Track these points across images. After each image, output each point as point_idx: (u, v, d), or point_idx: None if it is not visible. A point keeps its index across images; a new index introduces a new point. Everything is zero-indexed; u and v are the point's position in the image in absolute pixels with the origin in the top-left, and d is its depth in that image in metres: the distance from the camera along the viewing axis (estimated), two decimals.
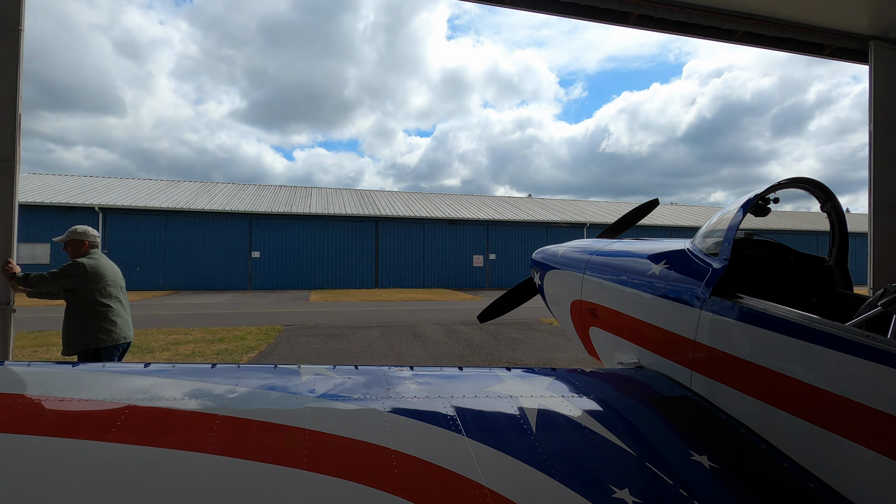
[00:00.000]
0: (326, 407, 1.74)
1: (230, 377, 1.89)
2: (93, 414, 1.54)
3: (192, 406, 1.64)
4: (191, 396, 1.68)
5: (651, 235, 20.58)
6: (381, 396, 1.83)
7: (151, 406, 1.59)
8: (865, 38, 6.73)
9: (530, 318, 13.10)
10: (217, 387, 1.77)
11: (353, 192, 33.52)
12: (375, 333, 10.34)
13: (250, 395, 1.76)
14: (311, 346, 8.71)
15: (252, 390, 1.80)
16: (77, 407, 1.56)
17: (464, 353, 8.25)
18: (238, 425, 1.57)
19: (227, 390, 1.75)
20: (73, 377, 1.80)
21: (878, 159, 6.65)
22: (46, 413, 1.51)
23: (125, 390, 1.69)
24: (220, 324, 11.60)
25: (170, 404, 1.62)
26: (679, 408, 2.11)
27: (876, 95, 6.70)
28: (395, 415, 1.72)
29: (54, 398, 1.57)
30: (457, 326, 11.40)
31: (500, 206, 33.48)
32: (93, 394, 1.65)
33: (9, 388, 1.64)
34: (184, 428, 1.55)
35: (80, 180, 29.23)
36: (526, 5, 5.73)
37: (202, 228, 24.59)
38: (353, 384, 1.94)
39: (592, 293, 3.28)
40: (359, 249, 26.54)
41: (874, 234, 6.68)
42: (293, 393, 1.80)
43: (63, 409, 1.54)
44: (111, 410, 1.56)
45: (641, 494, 1.47)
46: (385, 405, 1.76)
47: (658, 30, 6.27)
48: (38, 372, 1.91)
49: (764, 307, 1.94)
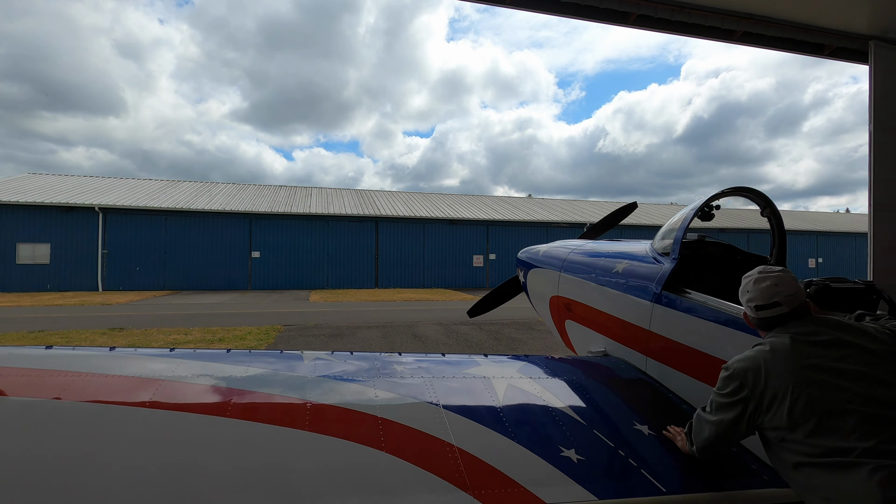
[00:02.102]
0: (325, 383, 2.05)
1: (242, 360, 2.20)
2: (125, 387, 1.86)
3: (209, 382, 1.97)
4: (209, 374, 2.02)
5: (651, 235, 20.74)
6: (372, 375, 2.15)
7: (175, 381, 1.92)
8: (865, 38, 6.73)
9: (530, 318, 13.10)
10: (232, 368, 2.10)
11: (353, 192, 33.53)
12: (375, 333, 10.34)
13: (262, 374, 2.10)
14: (311, 346, 8.71)
15: (262, 371, 2.13)
16: (113, 383, 1.90)
17: (463, 352, 8.25)
18: (251, 396, 1.89)
19: (241, 370, 2.08)
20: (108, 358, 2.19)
21: (877, 159, 6.65)
22: (91, 387, 1.85)
23: (156, 370, 2.01)
24: (220, 324, 11.61)
25: (191, 380, 1.95)
26: (631, 388, 2.44)
27: (876, 95, 6.70)
28: (383, 389, 2.04)
29: (97, 374, 1.95)
30: (457, 326, 11.40)
31: (500, 206, 33.48)
32: (127, 371, 1.99)
33: (57, 366, 2.00)
34: (206, 396, 1.89)
35: (80, 180, 29.23)
36: (526, 5, 5.72)
37: (202, 228, 24.59)
38: (349, 366, 2.26)
39: (567, 289, 3.59)
40: (359, 249, 26.54)
41: (874, 234, 6.67)
42: (298, 374, 2.12)
43: (103, 384, 1.88)
44: (142, 382, 1.89)
45: (585, 453, 1.78)
46: (375, 382, 2.09)
47: (658, 30, 6.26)
48: (82, 354, 2.34)
49: (703, 300, 2.23)
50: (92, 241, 23.00)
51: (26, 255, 22.28)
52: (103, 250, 23.13)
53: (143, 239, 23.72)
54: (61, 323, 11.55)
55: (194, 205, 24.84)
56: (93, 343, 8.67)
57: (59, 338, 9.16)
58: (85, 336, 9.43)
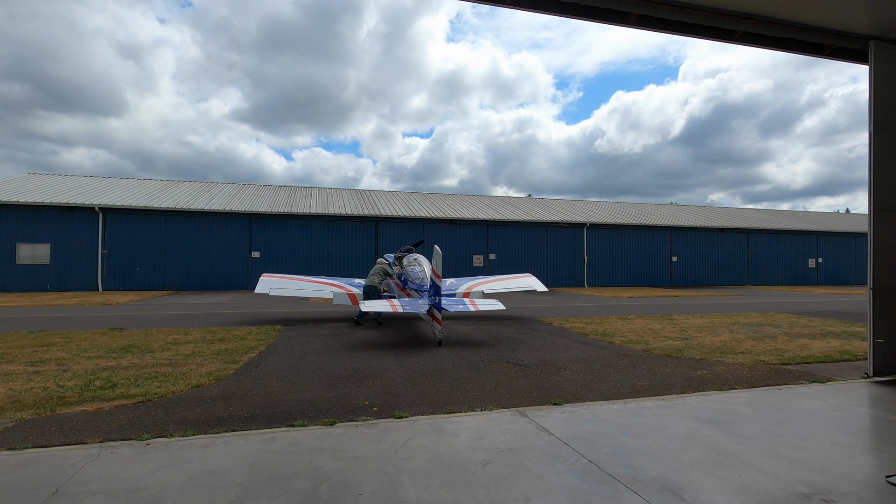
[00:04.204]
0: None
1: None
2: None
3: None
4: None
5: (652, 235, 21.66)
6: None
7: None
8: (865, 38, 6.72)
9: (530, 319, 13.11)
10: None
11: (353, 192, 33.52)
12: (375, 333, 10.34)
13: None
14: (311, 346, 8.71)
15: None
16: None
17: (463, 352, 8.24)
18: None
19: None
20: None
21: (878, 159, 6.65)
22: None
23: None
24: (220, 324, 11.60)
25: None
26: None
27: (876, 95, 6.69)
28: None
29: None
30: (456, 326, 11.40)
31: (500, 206, 33.47)
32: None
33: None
34: None
35: (80, 180, 29.23)
36: (526, 5, 5.73)
37: (202, 228, 24.59)
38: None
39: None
40: (359, 249, 26.54)
41: (874, 234, 6.67)
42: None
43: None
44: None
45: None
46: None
47: (658, 30, 6.26)
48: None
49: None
50: (92, 241, 23.00)
51: (26, 255, 22.27)
52: (103, 250, 23.12)
53: (143, 239, 23.73)
54: (61, 323, 11.54)
55: (194, 205, 24.84)
56: (93, 343, 8.66)
57: (58, 338, 9.15)
58: (85, 336, 9.42)
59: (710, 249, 33.34)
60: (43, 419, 4.65)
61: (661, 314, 14.53)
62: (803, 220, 39.73)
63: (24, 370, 6.60)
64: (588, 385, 6.15)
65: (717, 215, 38.71)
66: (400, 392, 5.76)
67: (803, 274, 35.44)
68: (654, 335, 10.27)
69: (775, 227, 35.15)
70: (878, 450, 4.01)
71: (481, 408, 5.10)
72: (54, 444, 4.01)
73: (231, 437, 4.17)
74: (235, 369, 6.82)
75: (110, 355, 7.66)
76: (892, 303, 6.70)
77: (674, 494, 3.13)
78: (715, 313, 14.84)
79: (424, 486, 3.23)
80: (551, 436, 4.21)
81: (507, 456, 3.76)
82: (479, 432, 4.30)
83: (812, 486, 3.26)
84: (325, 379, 6.38)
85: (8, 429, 4.38)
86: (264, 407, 5.10)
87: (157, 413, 4.88)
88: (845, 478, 3.41)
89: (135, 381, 6.07)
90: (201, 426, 4.47)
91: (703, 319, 13.17)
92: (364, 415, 4.83)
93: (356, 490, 3.16)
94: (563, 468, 3.53)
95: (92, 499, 3.02)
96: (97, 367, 6.86)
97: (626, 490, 3.18)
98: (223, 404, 5.19)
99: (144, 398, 5.38)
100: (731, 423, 4.62)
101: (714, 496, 3.11)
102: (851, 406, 5.25)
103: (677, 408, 5.11)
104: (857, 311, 15.86)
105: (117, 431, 4.31)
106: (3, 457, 3.70)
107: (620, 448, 3.93)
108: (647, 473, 3.45)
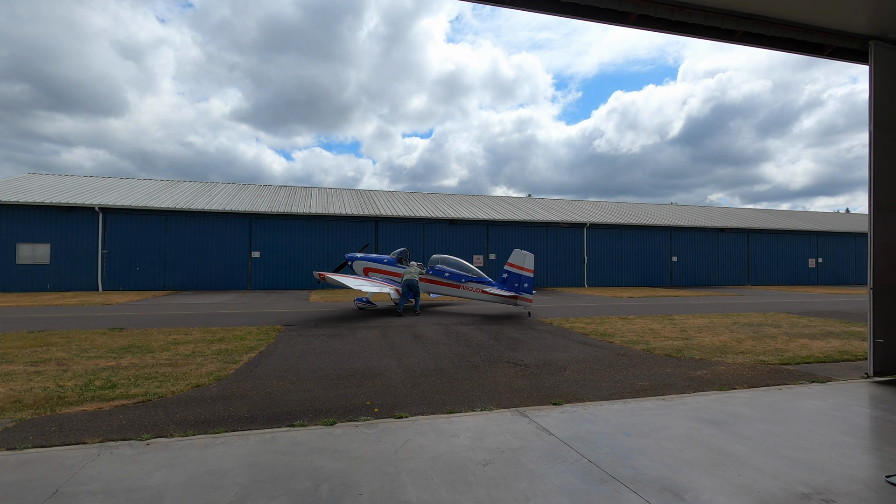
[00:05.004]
0: None
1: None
2: None
3: None
4: None
5: (652, 235, 21.66)
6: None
7: None
8: (865, 38, 6.72)
9: (530, 318, 13.11)
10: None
11: (353, 192, 33.52)
12: (375, 333, 10.34)
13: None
14: (311, 346, 8.71)
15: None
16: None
17: (464, 352, 8.24)
18: None
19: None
20: None
21: (878, 159, 6.65)
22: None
23: None
24: (220, 324, 11.60)
25: None
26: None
27: (876, 96, 6.69)
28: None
29: None
30: (456, 326, 11.40)
31: (500, 206, 33.47)
32: None
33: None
34: None
35: (80, 180, 29.23)
36: (526, 5, 5.72)
37: (202, 228, 24.59)
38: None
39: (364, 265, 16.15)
40: (359, 249, 26.52)
41: (874, 234, 6.67)
42: None
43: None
44: None
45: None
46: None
47: (658, 30, 6.26)
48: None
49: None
50: (92, 241, 23.00)
51: (26, 255, 22.27)
52: (103, 250, 23.12)
53: (143, 239, 23.73)
54: (61, 323, 11.54)
55: (194, 205, 24.84)
56: (93, 343, 8.66)
57: (58, 338, 9.15)
58: (85, 336, 9.42)
59: (710, 249, 33.35)
60: (43, 419, 4.65)
61: (661, 314, 14.53)
62: (803, 220, 39.74)
63: (24, 370, 6.60)
64: (588, 385, 6.15)
65: (716, 215, 38.71)
66: (400, 392, 5.76)
67: (803, 274, 35.44)
68: (654, 335, 10.27)
69: (775, 227, 35.15)
70: (878, 450, 4.01)
71: (481, 408, 5.10)
72: (54, 444, 4.01)
73: (231, 437, 4.17)
74: (235, 369, 6.83)
75: (110, 355, 7.66)
76: (892, 303, 6.70)
77: (674, 494, 3.13)
78: (715, 313, 14.84)
79: (424, 486, 3.23)
80: (551, 436, 4.21)
81: (507, 456, 3.76)
82: (479, 432, 4.30)
83: (812, 486, 3.26)
84: (325, 379, 6.38)
85: (8, 429, 4.38)
86: (264, 407, 5.11)
87: (157, 413, 4.88)
88: (845, 478, 3.41)
89: (135, 381, 6.07)
90: (201, 426, 4.47)
91: (703, 319, 13.18)
92: (364, 415, 4.83)
93: (356, 490, 3.16)
94: (563, 468, 3.53)
95: (92, 499, 3.02)
96: (97, 367, 6.86)
97: (626, 490, 3.19)
98: (223, 404, 5.19)
99: (144, 398, 5.38)
100: (731, 423, 4.62)
101: (714, 496, 3.12)
102: (851, 406, 5.25)
103: (677, 408, 5.12)
104: (857, 311, 15.86)
105: (117, 431, 4.32)
106: (3, 457, 3.70)
107: (620, 448, 3.94)
108: (647, 473, 3.45)
